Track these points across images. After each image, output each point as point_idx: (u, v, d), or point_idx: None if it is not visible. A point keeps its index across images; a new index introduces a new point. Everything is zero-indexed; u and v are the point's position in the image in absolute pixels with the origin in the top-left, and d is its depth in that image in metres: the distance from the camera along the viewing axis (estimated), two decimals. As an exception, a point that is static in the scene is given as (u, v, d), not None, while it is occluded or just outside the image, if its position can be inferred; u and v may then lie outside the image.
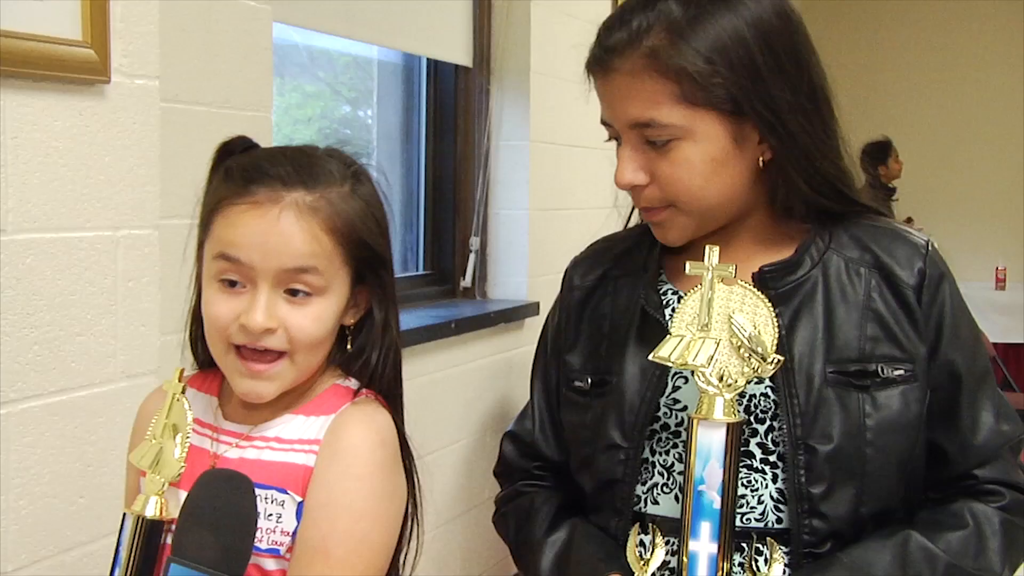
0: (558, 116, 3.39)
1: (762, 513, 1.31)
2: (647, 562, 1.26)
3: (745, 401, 1.33)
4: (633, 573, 1.27)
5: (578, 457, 1.43)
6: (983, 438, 1.35)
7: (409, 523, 1.28)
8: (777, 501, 1.31)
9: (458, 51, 3.19)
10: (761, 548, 1.28)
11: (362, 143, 3.32)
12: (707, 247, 1.27)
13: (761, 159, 1.32)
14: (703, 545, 1.21)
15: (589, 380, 1.42)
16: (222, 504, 1.10)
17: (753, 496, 1.31)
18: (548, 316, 1.55)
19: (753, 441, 1.32)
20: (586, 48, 1.36)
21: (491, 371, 3.07)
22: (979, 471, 1.35)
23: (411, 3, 2.93)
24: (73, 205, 1.59)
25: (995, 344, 5.52)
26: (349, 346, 1.27)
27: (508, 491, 1.53)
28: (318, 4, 2.53)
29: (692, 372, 1.25)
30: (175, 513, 1.14)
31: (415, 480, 1.29)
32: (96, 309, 1.63)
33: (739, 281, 1.26)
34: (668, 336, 1.26)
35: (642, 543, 1.31)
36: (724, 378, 1.23)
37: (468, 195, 3.29)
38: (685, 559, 1.22)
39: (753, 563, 1.27)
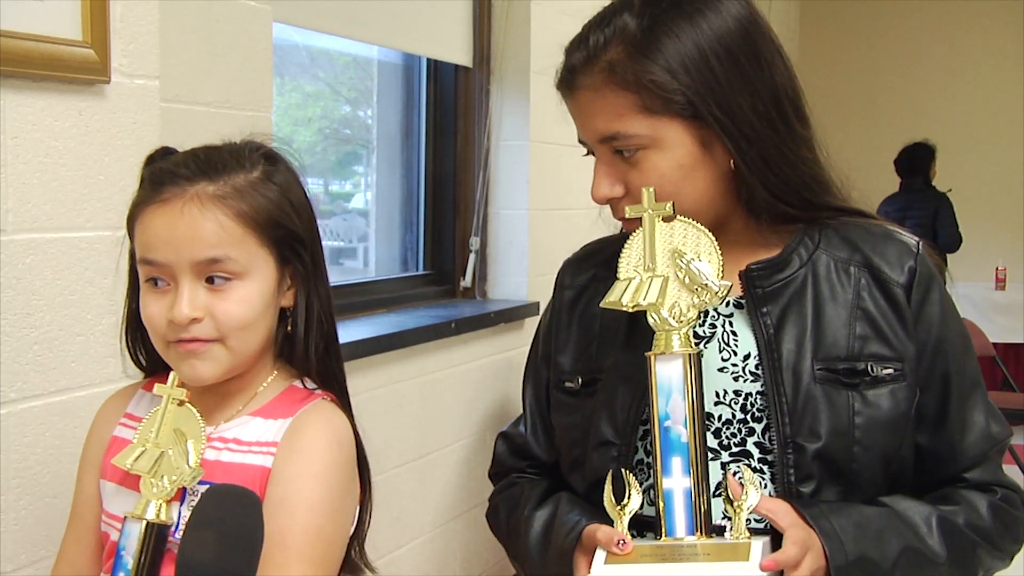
0: (558, 116, 3.37)
1: (763, 512, 1.31)
2: (624, 507, 1.26)
3: (741, 400, 1.33)
4: (611, 523, 1.27)
5: (569, 458, 1.43)
6: (973, 440, 1.35)
7: (367, 517, 1.33)
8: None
9: (458, 51, 3.18)
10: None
11: (362, 143, 3.33)
12: (644, 188, 1.29)
13: (732, 162, 1.32)
14: (676, 481, 1.22)
15: (580, 380, 1.43)
16: (231, 522, 1.09)
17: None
18: (540, 319, 1.57)
19: (750, 440, 1.32)
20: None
21: (491, 371, 3.07)
22: (969, 474, 1.35)
23: (411, 3, 2.93)
24: (73, 205, 1.59)
25: (995, 344, 5.52)
26: (290, 328, 1.30)
27: (500, 484, 1.55)
28: (318, 4, 2.53)
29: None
30: (173, 516, 1.15)
31: (368, 477, 1.33)
32: (96, 309, 1.63)
33: (678, 217, 1.29)
34: (616, 281, 1.28)
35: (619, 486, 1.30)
36: (676, 314, 1.25)
37: (468, 195, 3.29)
38: (661, 503, 1.22)
39: (726, 490, 1.27)
